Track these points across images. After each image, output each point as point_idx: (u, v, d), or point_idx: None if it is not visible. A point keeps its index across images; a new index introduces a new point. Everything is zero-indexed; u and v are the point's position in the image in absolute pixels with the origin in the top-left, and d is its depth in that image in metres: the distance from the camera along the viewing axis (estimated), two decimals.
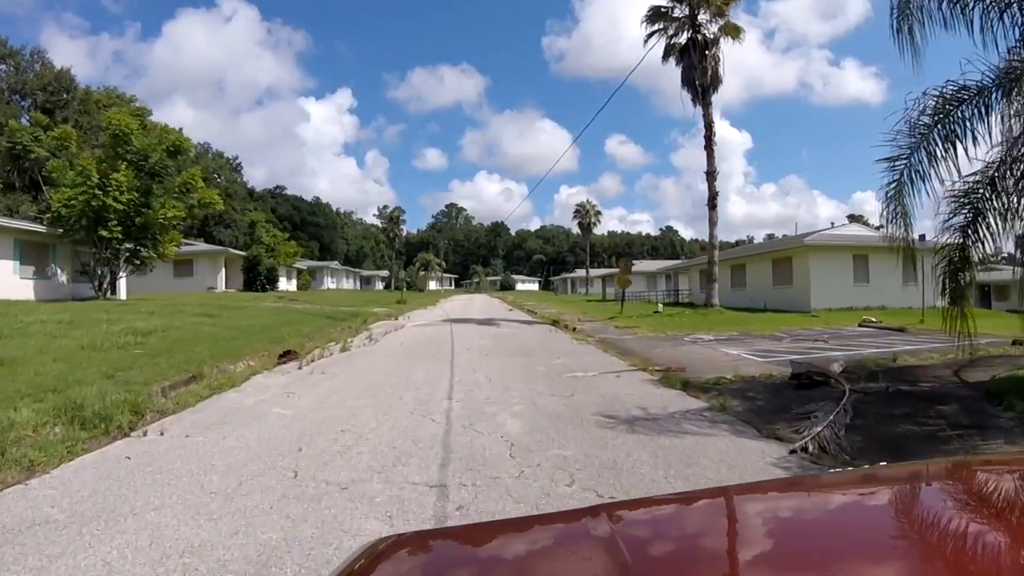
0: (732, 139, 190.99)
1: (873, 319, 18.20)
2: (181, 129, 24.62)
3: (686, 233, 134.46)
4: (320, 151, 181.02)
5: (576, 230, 70.18)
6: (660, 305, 23.18)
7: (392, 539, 1.02)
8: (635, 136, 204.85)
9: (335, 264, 64.85)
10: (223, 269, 37.03)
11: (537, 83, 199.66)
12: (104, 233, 20.44)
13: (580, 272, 74.66)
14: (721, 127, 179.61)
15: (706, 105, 18.81)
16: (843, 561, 0.79)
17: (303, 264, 52.57)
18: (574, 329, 16.00)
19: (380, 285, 76.17)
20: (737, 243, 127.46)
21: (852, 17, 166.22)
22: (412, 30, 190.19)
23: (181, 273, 37.69)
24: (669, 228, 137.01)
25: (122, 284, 28.21)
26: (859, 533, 0.91)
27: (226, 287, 37.79)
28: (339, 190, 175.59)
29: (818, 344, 12.23)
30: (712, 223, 18.66)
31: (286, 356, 10.18)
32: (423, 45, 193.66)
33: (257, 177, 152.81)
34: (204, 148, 74.37)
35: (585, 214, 62.00)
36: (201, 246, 39.45)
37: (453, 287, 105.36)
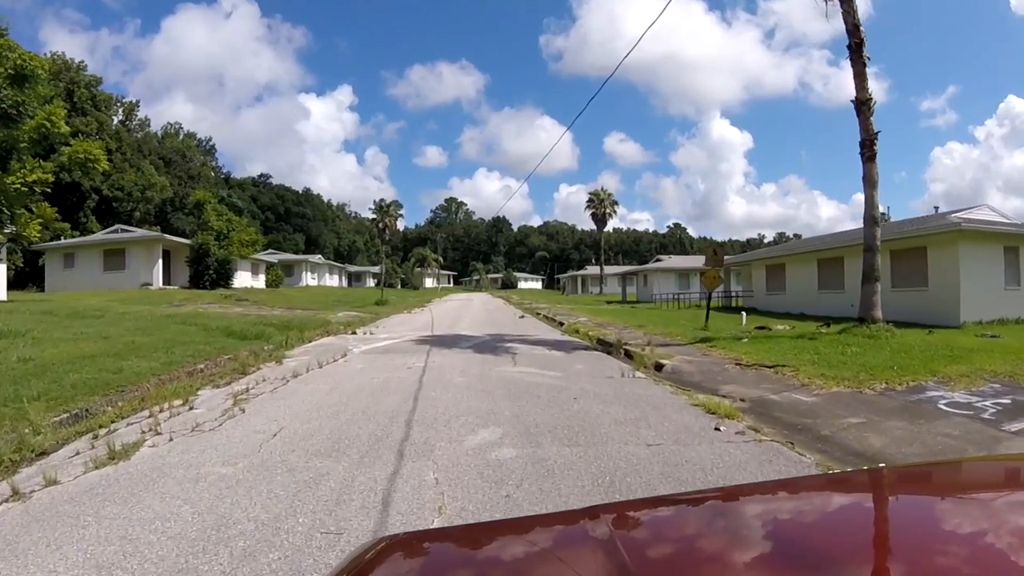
0: (733, 139, 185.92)
1: None
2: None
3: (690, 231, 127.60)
4: (320, 148, 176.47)
5: (581, 226, 63.01)
6: (744, 316, 15.96)
7: (391, 539, 0.99)
8: (634, 135, 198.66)
9: (317, 258, 57.63)
10: (159, 260, 29.76)
11: (536, 80, 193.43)
12: None
13: (591, 269, 67.49)
14: (720, 126, 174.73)
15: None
16: (842, 563, 0.78)
17: (273, 257, 45.44)
18: (659, 368, 8.71)
19: (372, 282, 68.90)
20: (748, 242, 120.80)
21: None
22: (411, 27, 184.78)
23: (112, 265, 30.51)
24: (677, 225, 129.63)
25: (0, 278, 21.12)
26: (858, 534, 0.88)
27: (167, 282, 30.57)
28: (339, 187, 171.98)
29: None
30: (871, 183, 10.93)
31: None
32: (422, 42, 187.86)
33: (256, 173, 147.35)
34: (174, 128, 67.37)
35: (599, 204, 54.51)
36: (135, 232, 32.11)
37: (451, 285, 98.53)
